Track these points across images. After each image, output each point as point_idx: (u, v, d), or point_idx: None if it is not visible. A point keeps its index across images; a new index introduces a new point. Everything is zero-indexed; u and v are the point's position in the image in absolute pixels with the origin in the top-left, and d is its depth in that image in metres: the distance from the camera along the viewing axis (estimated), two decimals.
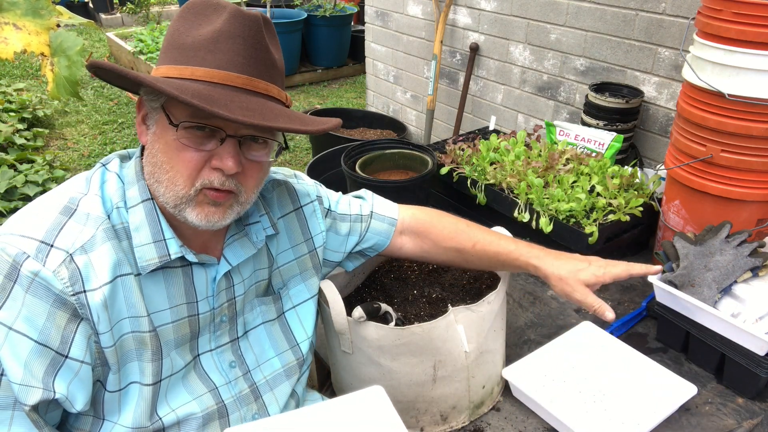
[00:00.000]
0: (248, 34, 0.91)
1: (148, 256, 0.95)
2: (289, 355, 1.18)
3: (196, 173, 0.92)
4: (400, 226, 1.32)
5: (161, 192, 0.94)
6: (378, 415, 1.00)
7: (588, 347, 1.44)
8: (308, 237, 1.22)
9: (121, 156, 1.02)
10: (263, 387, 1.13)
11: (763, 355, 1.32)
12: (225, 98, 0.87)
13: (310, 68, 5.89)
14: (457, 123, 3.24)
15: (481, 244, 1.27)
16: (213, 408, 1.06)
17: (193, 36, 0.91)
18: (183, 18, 0.94)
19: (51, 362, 0.86)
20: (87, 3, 7.85)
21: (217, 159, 0.92)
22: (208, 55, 0.90)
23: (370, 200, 1.34)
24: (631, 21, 2.26)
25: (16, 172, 3.61)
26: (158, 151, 0.93)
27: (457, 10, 3.09)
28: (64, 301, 0.87)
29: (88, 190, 0.96)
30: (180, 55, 0.91)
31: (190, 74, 0.90)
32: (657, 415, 1.27)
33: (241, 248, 1.08)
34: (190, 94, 0.84)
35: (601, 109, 2.19)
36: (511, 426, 1.30)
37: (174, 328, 1.00)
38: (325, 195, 1.28)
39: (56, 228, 0.89)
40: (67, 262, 0.87)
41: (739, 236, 1.48)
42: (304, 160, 4.28)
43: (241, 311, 1.11)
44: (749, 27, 1.39)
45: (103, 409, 0.96)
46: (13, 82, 5.31)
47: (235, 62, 0.90)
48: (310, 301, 1.22)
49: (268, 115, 0.89)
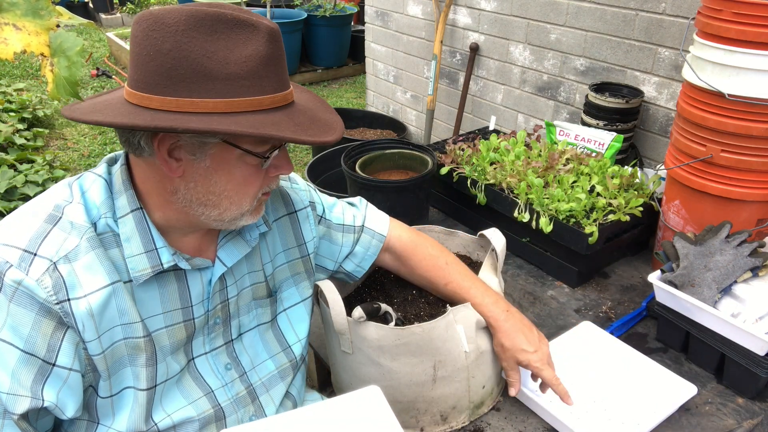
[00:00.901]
0: (282, 53, 0.91)
1: (141, 266, 0.94)
2: (282, 358, 1.18)
3: (260, 188, 0.98)
4: (386, 243, 1.35)
5: (214, 214, 0.95)
6: (374, 414, 1.00)
7: (588, 347, 1.44)
8: (301, 242, 1.22)
9: (109, 160, 1.00)
10: (260, 388, 1.13)
11: (763, 355, 1.32)
12: (299, 118, 0.91)
13: (310, 68, 5.89)
14: (457, 123, 3.24)
15: (452, 286, 1.31)
16: (210, 411, 1.05)
17: (235, 63, 0.84)
18: (196, 39, 0.82)
19: (39, 371, 0.86)
20: (87, 3, 7.85)
21: (276, 168, 0.98)
22: (264, 81, 0.87)
23: (363, 211, 1.35)
24: (631, 21, 2.26)
25: (16, 172, 3.61)
26: (219, 181, 0.92)
27: (457, 10, 3.09)
28: (49, 309, 0.86)
29: (72, 197, 0.94)
30: (229, 86, 0.84)
31: (258, 105, 0.87)
32: (657, 415, 1.27)
33: (235, 248, 1.07)
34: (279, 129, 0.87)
35: (601, 109, 2.19)
36: (511, 426, 1.30)
37: (168, 333, 1.00)
38: (319, 201, 1.28)
39: (40, 236, 0.88)
40: (51, 270, 0.86)
41: (739, 236, 1.48)
42: (304, 160, 4.28)
43: (235, 313, 1.10)
44: (749, 27, 1.39)
45: (97, 414, 0.96)
46: (13, 82, 5.31)
47: (282, 81, 0.91)
48: (301, 305, 1.22)
49: (325, 126, 0.95)
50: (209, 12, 0.84)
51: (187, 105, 0.83)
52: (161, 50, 0.82)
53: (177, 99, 0.83)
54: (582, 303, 1.71)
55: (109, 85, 5.50)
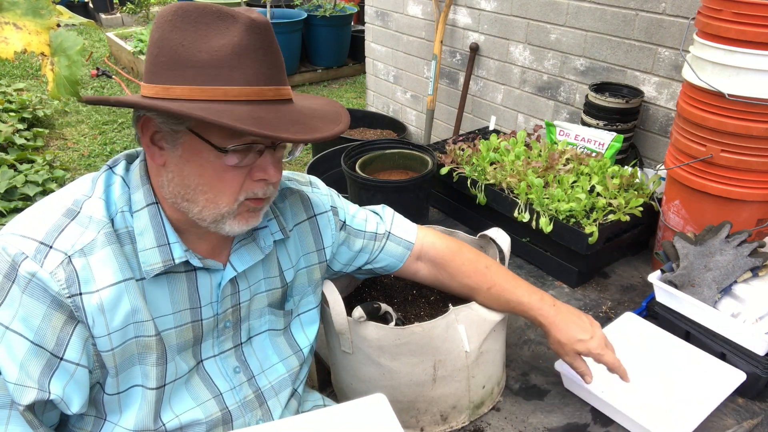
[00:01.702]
0: (266, 43, 0.89)
1: (152, 260, 0.94)
2: (294, 361, 1.17)
3: (239, 190, 0.93)
4: (418, 251, 1.30)
5: (195, 211, 0.93)
6: (380, 422, 1.00)
7: (634, 337, 1.46)
8: (320, 247, 1.20)
9: (128, 156, 1.01)
10: (268, 392, 1.13)
11: (763, 355, 1.32)
12: (269, 115, 0.87)
13: (310, 68, 5.89)
14: (457, 123, 3.24)
15: (497, 289, 1.27)
16: (217, 414, 1.05)
17: (207, 51, 0.85)
18: (179, 29, 0.86)
19: (47, 363, 0.86)
20: (87, 3, 7.85)
21: (260, 170, 0.93)
22: (235, 72, 0.86)
23: (388, 219, 1.30)
24: (631, 21, 2.26)
25: (16, 172, 3.61)
26: (191, 174, 0.91)
27: (457, 10, 3.09)
28: (61, 302, 0.86)
29: (93, 192, 0.95)
30: (198, 73, 0.85)
31: (223, 95, 0.85)
32: (710, 401, 1.28)
33: (248, 254, 1.06)
34: (235, 119, 0.82)
35: (601, 109, 2.19)
36: (511, 426, 1.30)
37: (177, 333, 0.99)
38: (341, 206, 1.25)
39: (57, 230, 0.89)
40: (65, 264, 0.87)
41: (739, 236, 1.48)
42: (304, 159, 4.28)
43: (246, 317, 1.10)
44: (749, 27, 1.39)
45: (104, 410, 0.96)
46: (13, 82, 5.31)
47: (263, 75, 0.88)
48: (315, 310, 1.22)
49: (311, 124, 0.91)
50: (198, 5, 0.87)
51: (161, 91, 0.86)
52: (153, 40, 0.88)
53: (155, 85, 0.87)
54: (582, 303, 1.71)
55: (109, 85, 5.50)
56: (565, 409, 1.35)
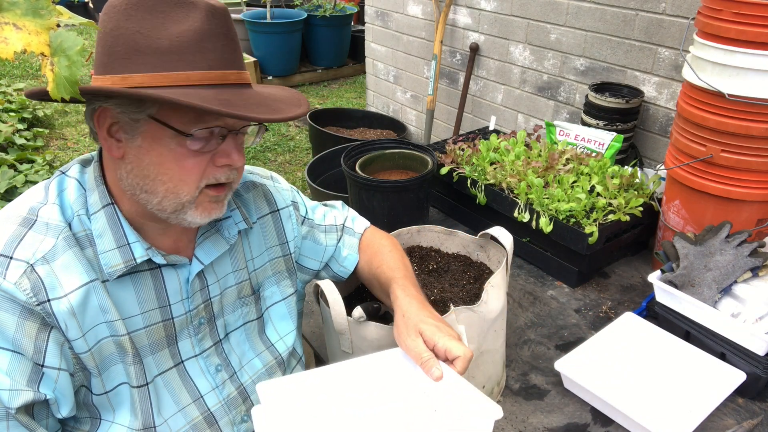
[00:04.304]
0: (227, 29, 0.90)
1: (113, 261, 0.93)
2: (267, 355, 1.17)
3: (200, 177, 0.92)
4: (360, 244, 1.33)
5: (155, 202, 0.92)
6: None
7: (633, 337, 1.46)
8: (283, 241, 1.21)
9: (82, 161, 1.00)
10: (250, 387, 1.13)
11: (763, 355, 1.32)
12: (235, 98, 0.87)
13: (310, 68, 5.90)
14: (457, 123, 3.24)
15: (382, 269, 1.23)
16: (199, 418, 1.05)
17: (167, 38, 0.85)
18: (134, 17, 0.85)
19: (32, 371, 0.86)
20: (87, 3, 7.85)
21: (223, 156, 0.93)
22: (197, 56, 0.86)
23: (343, 212, 1.35)
24: (631, 21, 2.26)
25: (16, 172, 3.61)
26: (150, 164, 0.89)
27: (457, 10, 3.09)
28: (31, 310, 0.86)
29: (47, 198, 0.94)
30: (159, 60, 0.85)
31: (186, 80, 0.85)
32: (711, 401, 1.28)
33: (213, 246, 1.06)
34: (203, 101, 0.83)
35: (601, 109, 2.19)
36: (511, 426, 1.30)
37: (147, 333, 0.99)
38: (301, 201, 1.28)
39: (15, 240, 0.88)
40: (28, 272, 0.86)
41: (739, 236, 1.48)
42: (304, 160, 4.28)
43: (220, 313, 1.10)
44: (749, 27, 1.39)
45: (97, 410, 0.96)
46: (13, 82, 5.31)
47: (225, 59, 0.89)
48: (282, 303, 1.21)
49: (275, 106, 0.91)
50: None
51: (118, 81, 0.85)
52: (105, 31, 0.86)
53: (111, 76, 0.86)
54: (582, 303, 1.71)
55: None
56: (565, 409, 1.35)
